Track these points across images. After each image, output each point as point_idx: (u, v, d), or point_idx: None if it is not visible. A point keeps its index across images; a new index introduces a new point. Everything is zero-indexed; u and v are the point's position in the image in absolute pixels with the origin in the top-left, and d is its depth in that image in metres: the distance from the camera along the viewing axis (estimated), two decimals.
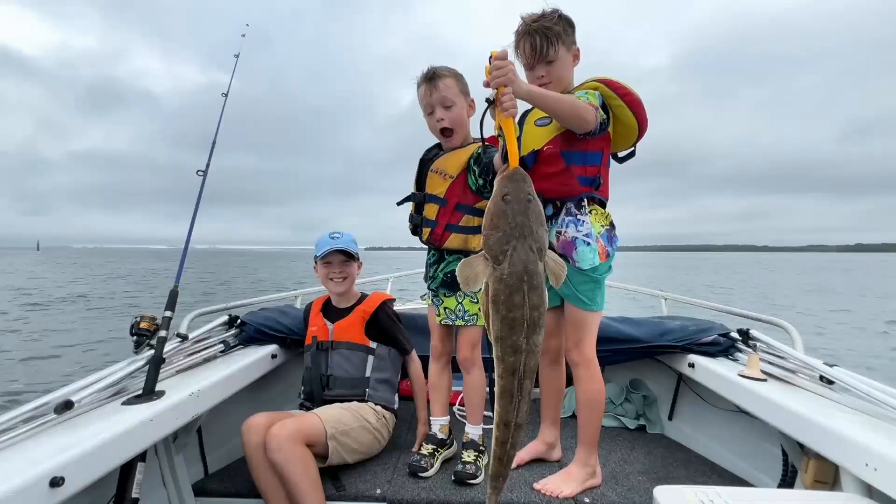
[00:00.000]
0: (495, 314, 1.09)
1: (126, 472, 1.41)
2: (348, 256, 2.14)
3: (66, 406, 1.34)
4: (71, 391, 1.42)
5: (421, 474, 1.86)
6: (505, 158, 1.21)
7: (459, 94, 1.87)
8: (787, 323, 2.09)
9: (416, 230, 2.01)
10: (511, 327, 1.08)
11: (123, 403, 1.48)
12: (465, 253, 1.90)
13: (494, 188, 1.15)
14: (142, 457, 1.43)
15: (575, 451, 1.85)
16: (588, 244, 1.66)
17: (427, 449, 1.97)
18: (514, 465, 1.94)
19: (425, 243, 1.99)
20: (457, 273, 1.11)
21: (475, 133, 1.94)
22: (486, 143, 1.69)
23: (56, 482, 1.07)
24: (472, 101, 1.92)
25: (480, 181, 1.80)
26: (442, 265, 1.95)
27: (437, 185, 1.89)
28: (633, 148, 1.83)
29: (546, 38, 1.66)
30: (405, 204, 2.06)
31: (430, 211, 1.91)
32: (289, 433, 1.63)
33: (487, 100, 1.26)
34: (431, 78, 1.84)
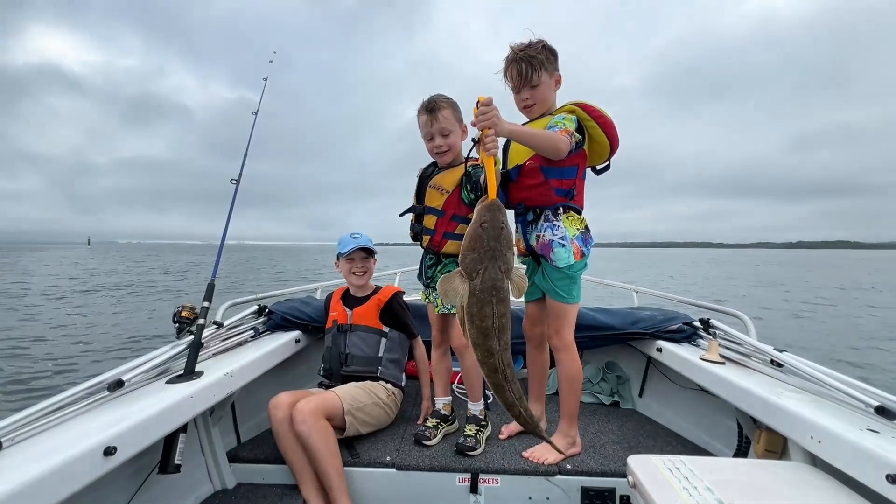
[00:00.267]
0: (470, 324, 1.16)
1: (170, 441, 1.41)
2: (368, 253, 2.16)
3: (118, 385, 1.34)
4: (121, 371, 1.43)
5: (425, 442, 1.87)
6: (486, 190, 1.24)
7: (455, 122, 1.87)
8: (743, 313, 2.09)
9: (416, 237, 2.00)
10: (485, 335, 1.15)
11: (167, 382, 1.48)
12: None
13: (474, 215, 1.19)
14: (183, 428, 1.43)
15: (558, 423, 1.86)
16: (563, 245, 1.66)
17: (432, 422, 1.98)
18: (504, 436, 1.96)
19: (425, 249, 1.98)
20: (438, 287, 1.15)
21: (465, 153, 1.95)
22: (474, 165, 1.75)
23: (109, 451, 1.07)
24: (465, 126, 1.92)
25: (472, 196, 1.80)
26: (440, 267, 1.95)
27: (435, 199, 1.89)
28: (608, 162, 1.82)
29: (531, 65, 1.66)
30: (407, 214, 2.04)
31: (430, 221, 1.91)
32: (312, 409, 1.64)
33: (473, 139, 1.29)
34: (432, 110, 1.82)
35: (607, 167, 1.84)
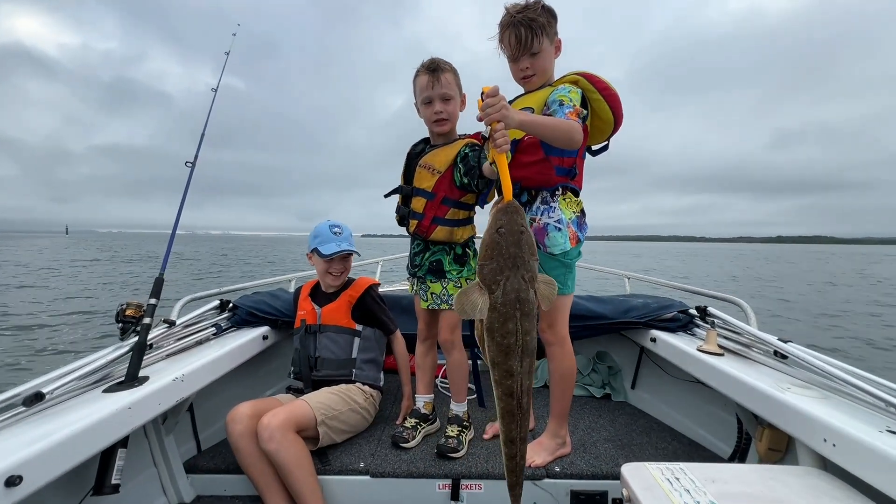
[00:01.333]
0: (491, 341, 1.02)
1: (107, 458, 1.24)
2: (348, 252, 1.97)
3: (37, 398, 1.15)
4: (43, 382, 1.23)
5: (402, 445, 1.73)
6: (500, 191, 1.09)
7: (457, 88, 1.70)
8: (742, 301, 1.97)
9: (402, 221, 1.83)
10: (506, 353, 1.01)
11: (104, 391, 1.30)
12: (450, 244, 1.75)
13: (490, 220, 1.06)
14: (123, 442, 1.27)
15: (546, 419, 1.74)
16: (559, 230, 1.52)
17: (410, 422, 1.85)
18: (488, 435, 1.84)
19: (412, 234, 1.81)
20: (454, 302, 1.03)
21: (460, 129, 1.78)
22: (471, 145, 1.61)
23: (13, 481, 0.89)
24: (465, 96, 1.75)
25: (465, 180, 1.63)
26: (427, 254, 1.79)
27: (425, 180, 1.72)
28: (607, 142, 1.67)
29: (531, 29, 1.47)
30: (393, 196, 1.88)
31: (418, 204, 1.74)
32: (280, 422, 1.47)
33: (482, 136, 1.14)
34: (434, 70, 1.65)
35: (605, 147, 1.69)
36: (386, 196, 1.88)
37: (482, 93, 1.13)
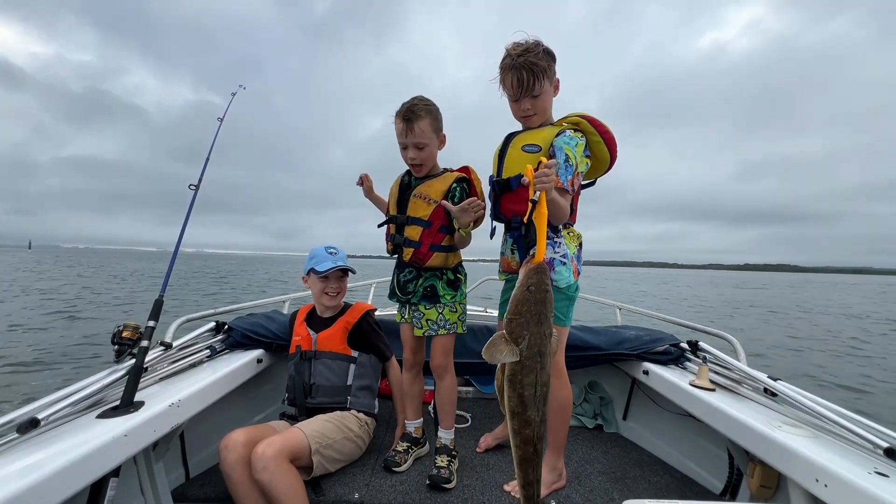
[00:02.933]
0: (511, 391, 1.09)
1: (97, 488, 1.19)
2: (344, 272, 1.98)
3: (32, 424, 1.11)
4: (38, 407, 1.19)
5: (394, 468, 1.75)
6: (534, 242, 1.18)
7: (432, 133, 1.77)
8: (732, 336, 2.02)
9: (396, 249, 1.87)
10: (525, 404, 1.09)
11: (98, 416, 1.26)
12: (443, 269, 1.81)
13: (521, 277, 1.15)
14: (115, 471, 1.22)
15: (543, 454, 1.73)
16: (564, 264, 1.58)
17: (402, 446, 1.86)
18: (482, 448, 1.95)
19: (407, 262, 1.84)
20: (483, 352, 1.09)
21: (444, 163, 1.89)
22: (465, 180, 1.75)
23: None
24: (444, 136, 1.83)
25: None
26: (420, 280, 1.83)
27: (420, 209, 1.78)
28: (595, 179, 1.76)
29: (532, 73, 1.54)
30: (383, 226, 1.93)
31: (414, 232, 1.79)
32: (274, 452, 1.44)
33: (532, 200, 1.23)
34: (409, 119, 1.72)
35: (592, 183, 1.77)
36: (379, 226, 1.93)
37: (539, 161, 1.22)
